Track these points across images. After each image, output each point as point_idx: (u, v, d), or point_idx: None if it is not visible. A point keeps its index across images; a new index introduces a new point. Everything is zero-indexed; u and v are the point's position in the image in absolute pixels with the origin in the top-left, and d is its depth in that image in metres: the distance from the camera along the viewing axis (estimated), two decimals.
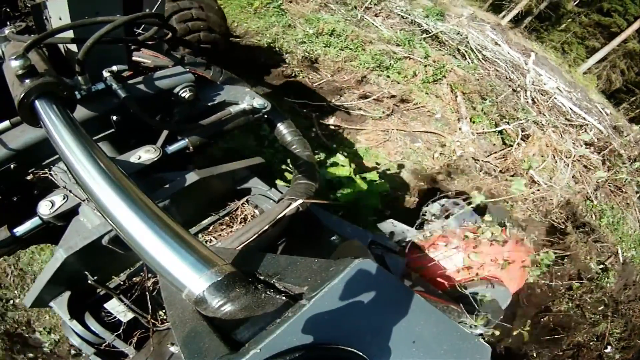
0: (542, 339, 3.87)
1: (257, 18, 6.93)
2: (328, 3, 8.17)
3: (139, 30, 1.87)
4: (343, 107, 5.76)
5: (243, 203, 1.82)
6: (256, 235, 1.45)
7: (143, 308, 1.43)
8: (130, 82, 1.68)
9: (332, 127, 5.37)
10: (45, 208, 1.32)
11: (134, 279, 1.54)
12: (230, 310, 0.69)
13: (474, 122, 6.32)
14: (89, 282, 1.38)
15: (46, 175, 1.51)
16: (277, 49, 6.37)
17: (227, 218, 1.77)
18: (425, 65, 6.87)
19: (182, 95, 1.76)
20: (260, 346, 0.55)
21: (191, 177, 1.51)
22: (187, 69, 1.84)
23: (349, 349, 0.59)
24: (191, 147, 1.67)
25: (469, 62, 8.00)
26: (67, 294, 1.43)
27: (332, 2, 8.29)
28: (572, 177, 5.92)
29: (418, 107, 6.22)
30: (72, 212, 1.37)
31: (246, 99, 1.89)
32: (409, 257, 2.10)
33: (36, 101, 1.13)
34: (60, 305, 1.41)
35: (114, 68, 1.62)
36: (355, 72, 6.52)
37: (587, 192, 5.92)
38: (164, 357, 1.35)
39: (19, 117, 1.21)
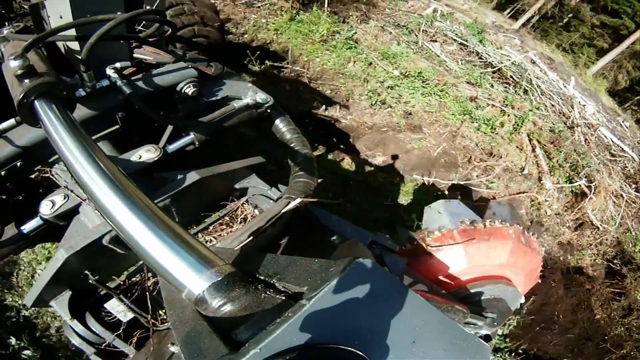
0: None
1: (327, 50, 6.30)
2: (385, 26, 7.81)
3: (140, 27, 1.88)
4: (471, 186, 5.15)
5: (243, 203, 1.82)
6: (256, 234, 1.45)
7: (143, 308, 1.43)
8: (133, 78, 1.68)
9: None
10: (46, 208, 1.32)
11: (134, 279, 1.54)
12: (230, 310, 0.69)
13: (552, 174, 6.04)
14: (90, 281, 1.38)
15: (48, 174, 1.51)
16: (374, 101, 5.67)
17: (227, 218, 1.77)
18: (507, 114, 6.46)
19: (186, 91, 1.76)
20: (260, 346, 0.55)
21: (191, 177, 1.51)
22: (189, 65, 1.84)
23: (349, 348, 0.59)
24: (197, 143, 1.67)
25: (532, 100, 7.58)
26: (67, 294, 1.43)
27: (389, 25, 7.96)
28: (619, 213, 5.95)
29: (506, 162, 5.86)
30: (73, 211, 1.37)
31: (249, 93, 1.89)
32: (412, 257, 2.08)
33: (35, 101, 1.13)
34: (61, 305, 1.41)
35: (118, 65, 1.62)
36: (450, 124, 5.95)
37: (628, 225, 5.99)
38: (164, 357, 1.35)
39: (19, 117, 1.21)
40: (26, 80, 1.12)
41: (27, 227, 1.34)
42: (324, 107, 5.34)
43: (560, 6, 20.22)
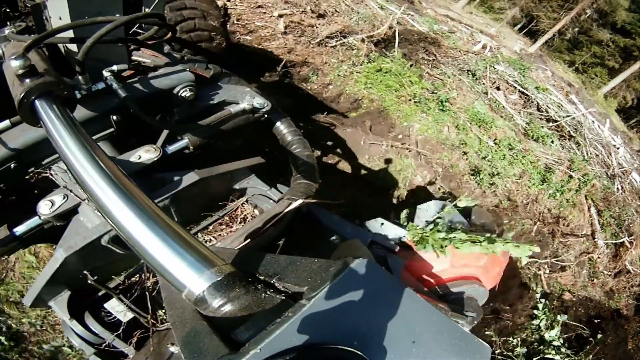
0: None
1: (423, 113, 5.91)
2: (455, 73, 7.57)
3: (139, 30, 1.88)
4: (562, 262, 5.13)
5: (243, 203, 1.82)
6: (256, 235, 1.45)
7: (143, 308, 1.43)
8: (130, 81, 1.68)
9: None
10: (45, 207, 1.32)
11: (133, 279, 1.54)
12: (230, 310, 0.69)
13: (603, 231, 6.01)
14: (89, 281, 1.38)
15: (46, 174, 1.51)
16: (481, 181, 5.41)
17: (227, 218, 1.77)
18: (571, 177, 6.34)
19: (183, 94, 1.76)
20: (260, 346, 0.55)
21: (191, 177, 1.51)
22: (187, 69, 1.84)
23: (349, 349, 0.59)
24: (191, 147, 1.67)
25: (584, 155, 7.40)
26: (67, 294, 1.43)
27: (457, 69, 7.75)
28: None
29: (569, 225, 5.84)
30: (72, 211, 1.37)
31: (246, 98, 1.89)
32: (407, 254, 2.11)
33: (36, 101, 1.14)
34: (60, 305, 1.41)
35: (114, 68, 1.62)
36: (531, 194, 5.80)
37: None
38: (164, 357, 1.35)
39: (19, 116, 1.21)
40: (27, 80, 1.12)
41: (21, 228, 1.33)
42: (438, 187, 5.09)
43: (578, 29, 20.15)
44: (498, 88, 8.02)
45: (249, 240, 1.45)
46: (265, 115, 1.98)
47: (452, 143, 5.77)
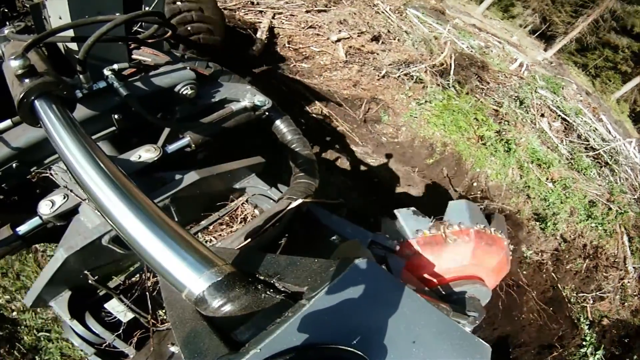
0: None
1: (492, 156, 5.73)
2: (508, 103, 7.23)
3: (139, 29, 1.87)
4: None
5: (243, 203, 1.82)
6: (256, 234, 1.45)
7: (143, 308, 1.43)
8: (131, 80, 1.68)
9: None
10: (45, 208, 1.32)
11: (133, 279, 1.54)
12: (230, 310, 0.68)
13: (633, 256, 5.97)
14: (90, 281, 1.38)
15: (47, 174, 1.51)
16: (548, 228, 5.34)
17: (227, 218, 1.77)
18: (610, 209, 6.24)
19: (184, 93, 1.76)
20: (260, 346, 0.55)
21: (191, 177, 1.51)
22: (188, 67, 1.84)
23: (349, 348, 0.59)
24: (193, 145, 1.67)
25: (618, 182, 7.22)
26: (67, 294, 1.43)
27: (505, 96, 7.43)
28: None
29: (607, 257, 5.77)
30: (73, 211, 1.37)
31: (247, 96, 1.89)
32: (403, 253, 2.12)
33: (36, 101, 1.13)
34: (60, 305, 1.41)
35: (115, 66, 1.62)
36: (578, 230, 5.70)
37: None
38: (164, 357, 1.35)
39: (19, 116, 1.21)
40: (26, 80, 1.12)
41: (23, 228, 1.33)
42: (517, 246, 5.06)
43: (596, 35, 19.90)
44: (542, 115, 7.83)
45: (249, 240, 1.45)
46: (267, 113, 1.97)
47: (517, 186, 5.74)
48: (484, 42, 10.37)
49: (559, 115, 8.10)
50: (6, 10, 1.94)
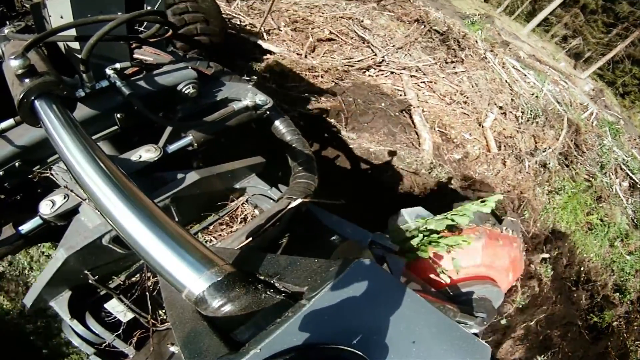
0: None
1: (593, 238, 5.67)
2: (600, 175, 6.98)
3: (141, 28, 1.87)
4: None
5: (243, 203, 1.82)
6: (256, 234, 1.45)
7: (143, 308, 1.43)
8: (133, 79, 1.68)
9: None
10: (46, 207, 1.32)
11: (134, 279, 1.54)
12: (230, 310, 0.69)
13: None
14: (90, 281, 1.38)
15: (47, 174, 1.51)
16: (620, 297, 5.33)
17: (227, 218, 1.77)
18: None
19: (185, 92, 1.76)
20: (260, 346, 0.55)
21: (191, 177, 1.51)
22: (189, 66, 1.84)
23: (349, 348, 0.59)
24: (195, 144, 1.67)
25: None
26: (67, 294, 1.43)
27: (596, 165, 7.21)
28: None
29: None
30: (73, 211, 1.37)
31: (248, 95, 1.89)
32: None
33: (36, 101, 1.13)
34: (60, 305, 1.41)
35: (117, 65, 1.62)
36: None
37: None
38: (164, 357, 1.35)
39: (19, 116, 1.21)
40: (27, 80, 1.12)
41: (26, 227, 1.34)
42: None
43: (629, 55, 19.69)
44: (615, 174, 7.59)
45: (249, 240, 1.45)
46: (268, 112, 1.97)
47: (606, 263, 5.72)
48: (554, 84, 9.78)
49: (627, 174, 7.78)
50: (5, 10, 1.94)
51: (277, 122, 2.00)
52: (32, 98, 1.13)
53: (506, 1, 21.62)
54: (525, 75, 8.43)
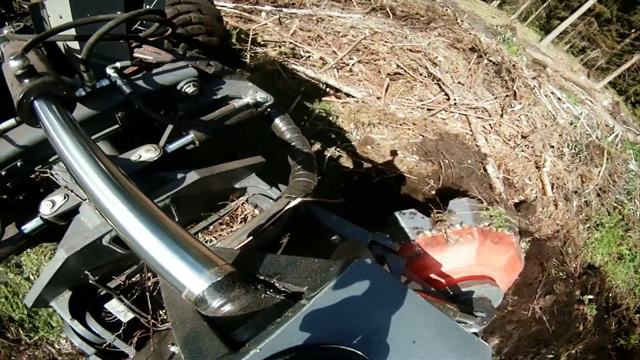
0: None
1: (622, 267, 5.65)
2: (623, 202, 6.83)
3: (140, 27, 1.88)
4: None
5: (243, 203, 1.82)
6: (256, 234, 1.45)
7: (143, 308, 1.43)
8: (133, 78, 1.68)
9: None
10: (46, 208, 1.32)
11: (134, 279, 1.54)
12: (230, 310, 0.69)
13: None
14: (90, 281, 1.38)
15: (47, 174, 1.51)
16: None
17: (227, 218, 1.77)
18: None
19: (186, 90, 1.76)
20: (260, 346, 0.55)
21: (191, 177, 1.51)
22: (189, 65, 1.84)
23: (349, 348, 0.59)
24: (197, 142, 1.67)
25: None
26: (68, 294, 1.43)
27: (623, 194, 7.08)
28: None
29: None
30: (73, 211, 1.37)
31: (249, 93, 1.89)
32: (406, 255, 2.11)
33: (35, 101, 1.13)
34: (61, 305, 1.41)
35: (118, 64, 1.62)
36: None
37: None
38: (164, 357, 1.35)
39: (19, 117, 1.21)
40: (26, 80, 1.11)
41: (28, 227, 1.34)
42: None
43: None
44: None
45: (249, 239, 1.45)
46: (268, 110, 1.97)
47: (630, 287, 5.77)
48: (582, 105, 9.41)
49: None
50: (3, 10, 1.94)
51: (277, 120, 2.00)
52: (32, 98, 1.13)
53: (522, 7, 21.59)
54: (562, 100, 8.30)
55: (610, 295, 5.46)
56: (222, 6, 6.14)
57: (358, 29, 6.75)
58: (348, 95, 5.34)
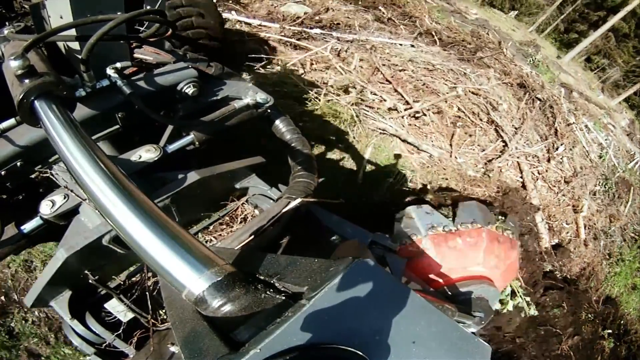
0: None
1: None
2: None
3: (141, 28, 1.88)
4: None
5: (243, 203, 1.82)
6: (256, 234, 1.45)
7: (143, 308, 1.43)
8: (134, 78, 1.68)
9: None
10: (46, 207, 1.32)
11: (134, 279, 1.54)
12: (230, 310, 0.69)
13: None
14: (90, 281, 1.38)
15: (47, 174, 1.51)
16: None
17: (227, 218, 1.77)
18: None
19: (186, 91, 1.76)
20: (260, 346, 0.55)
21: (191, 177, 1.51)
22: (189, 65, 1.84)
23: (349, 348, 0.59)
24: (197, 143, 1.67)
25: None
26: (67, 294, 1.43)
27: None
28: None
29: None
30: (73, 211, 1.37)
31: (249, 93, 1.89)
32: (406, 255, 2.11)
33: (35, 101, 1.13)
34: (60, 305, 1.41)
35: (118, 65, 1.62)
36: None
37: None
38: (164, 357, 1.35)
39: (19, 117, 1.21)
40: (26, 80, 1.12)
41: (28, 226, 1.34)
42: None
43: None
44: None
45: (248, 240, 1.45)
46: (268, 111, 1.97)
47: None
48: (605, 131, 9.21)
49: None
50: (4, 11, 1.94)
51: (277, 121, 2.00)
52: (32, 98, 1.13)
53: (540, 19, 21.52)
54: (590, 129, 8.06)
55: (622, 322, 5.51)
56: (262, 28, 5.87)
57: (417, 63, 6.38)
58: (419, 148, 5.03)
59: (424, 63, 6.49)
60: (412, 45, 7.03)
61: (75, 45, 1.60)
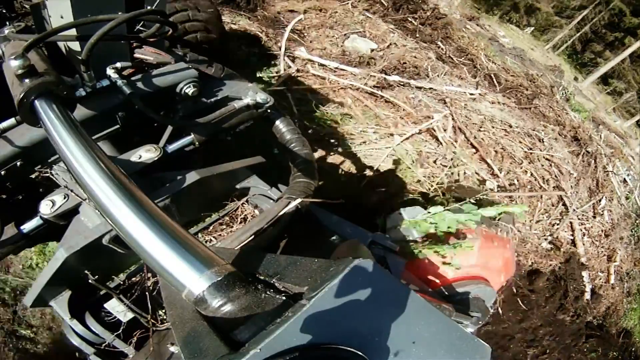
0: None
1: None
2: None
3: (140, 28, 1.88)
4: None
5: (243, 203, 1.82)
6: (256, 234, 1.45)
7: (143, 308, 1.43)
8: (134, 78, 1.68)
9: None
10: (46, 207, 1.32)
11: (134, 279, 1.54)
12: (230, 310, 0.68)
13: None
14: (90, 281, 1.38)
15: (47, 174, 1.51)
16: None
17: (227, 218, 1.77)
18: None
19: (186, 91, 1.76)
20: (260, 346, 0.55)
21: (191, 177, 1.51)
22: (190, 65, 1.84)
23: (349, 349, 0.59)
24: (197, 143, 1.67)
25: None
26: (67, 294, 1.43)
27: None
28: None
29: None
30: (73, 211, 1.37)
31: (249, 94, 1.89)
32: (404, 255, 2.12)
33: (36, 101, 1.13)
34: (60, 305, 1.41)
35: (118, 65, 1.62)
36: None
37: None
38: (164, 357, 1.35)
39: (19, 117, 1.21)
40: (26, 80, 1.12)
41: (27, 226, 1.34)
42: None
43: None
44: None
45: (248, 239, 1.45)
46: (268, 111, 1.97)
47: None
48: (627, 165, 8.99)
49: None
50: (4, 11, 1.94)
51: (277, 122, 2.00)
52: (32, 98, 1.13)
53: (556, 37, 21.50)
54: (616, 165, 7.94)
55: (632, 349, 5.53)
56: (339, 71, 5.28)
57: (495, 123, 6.11)
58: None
59: (501, 123, 6.17)
60: (480, 94, 6.72)
61: (75, 45, 1.60)
